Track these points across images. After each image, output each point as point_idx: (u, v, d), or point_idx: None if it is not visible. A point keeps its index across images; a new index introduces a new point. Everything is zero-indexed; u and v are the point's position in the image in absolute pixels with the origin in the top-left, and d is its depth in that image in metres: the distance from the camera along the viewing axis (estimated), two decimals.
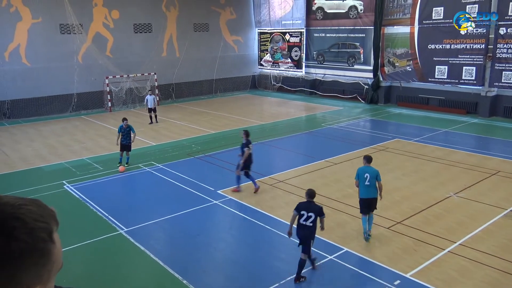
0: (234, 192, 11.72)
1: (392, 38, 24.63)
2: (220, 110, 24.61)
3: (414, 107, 23.65)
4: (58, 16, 23.58)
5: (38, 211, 1.08)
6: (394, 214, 10.06)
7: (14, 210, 1.04)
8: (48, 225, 1.08)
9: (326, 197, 11.16)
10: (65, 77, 24.18)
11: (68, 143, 17.73)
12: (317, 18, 28.59)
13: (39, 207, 1.09)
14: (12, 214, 1.03)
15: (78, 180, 13.00)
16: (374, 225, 9.33)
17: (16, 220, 1.02)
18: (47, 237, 1.07)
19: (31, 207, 1.07)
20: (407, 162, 14.20)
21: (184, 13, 28.52)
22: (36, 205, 1.09)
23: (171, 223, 10.03)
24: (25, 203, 1.07)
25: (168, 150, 16.17)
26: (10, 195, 1.10)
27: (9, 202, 1.06)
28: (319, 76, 29.14)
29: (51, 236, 1.08)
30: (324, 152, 15.39)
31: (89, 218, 10.34)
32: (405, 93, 24.66)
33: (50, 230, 1.08)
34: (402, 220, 9.76)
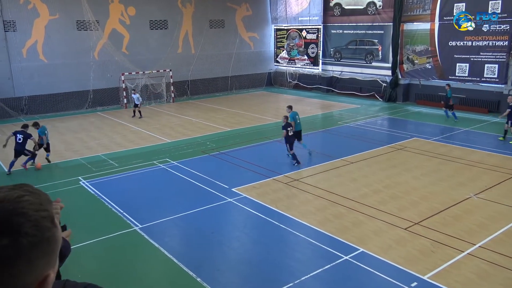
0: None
1: (412, 34, 24.31)
2: (235, 107, 24.65)
3: (434, 106, 23.30)
4: (75, 13, 23.90)
5: (35, 199, 1.10)
6: (412, 215, 9.95)
7: (15, 205, 1.05)
8: (48, 212, 1.11)
9: (342, 196, 11.10)
10: (82, 74, 24.51)
11: (84, 139, 17.98)
12: (335, 14, 28.39)
13: (34, 195, 1.11)
14: (14, 210, 1.05)
15: (93, 176, 13.18)
16: (391, 226, 9.34)
17: (20, 215, 1.04)
18: (51, 224, 1.10)
19: (27, 197, 1.09)
20: (425, 161, 14.03)
21: (200, 10, 28.62)
22: (31, 194, 1.11)
23: (185, 220, 10.10)
24: (21, 195, 1.09)
25: (183, 147, 16.27)
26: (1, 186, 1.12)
27: (6, 197, 1.07)
28: (336, 74, 28.95)
29: (53, 221, 1.11)
30: (340, 151, 15.30)
31: (104, 214, 10.47)
32: (425, 91, 24.34)
33: (52, 216, 1.11)
34: (420, 221, 9.65)
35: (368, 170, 13.30)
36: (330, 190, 11.58)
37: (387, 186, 11.89)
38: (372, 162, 14.06)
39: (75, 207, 10.64)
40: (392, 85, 25.25)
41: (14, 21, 22.40)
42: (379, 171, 13.15)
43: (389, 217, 9.85)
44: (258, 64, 32.33)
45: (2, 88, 22.46)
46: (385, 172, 13.10)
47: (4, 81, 22.52)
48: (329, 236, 9.02)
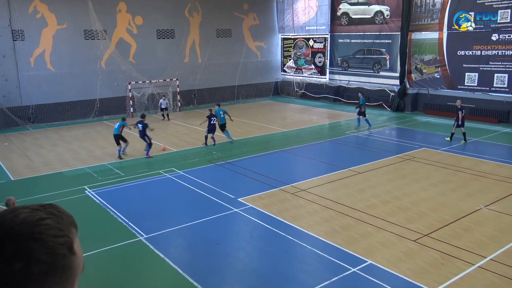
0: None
1: (420, 44, 24.31)
2: (241, 116, 24.68)
3: (443, 116, 23.21)
4: (83, 22, 24.18)
5: (56, 224, 1.06)
6: (421, 226, 9.86)
7: (32, 229, 1.02)
8: (68, 238, 1.07)
9: (350, 207, 11.03)
10: (89, 83, 24.73)
11: (90, 148, 18.08)
12: (342, 23, 28.49)
13: (57, 218, 1.08)
14: (30, 234, 1.02)
15: (99, 185, 13.22)
16: (399, 238, 9.29)
17: (35, 241, 1.01)
18: (68, 251, 1.06)
19: (49, 220, 1.06)
20: (434, 172, 13.93)
21: (207, 19, 28.84)
22: (54, 216, 1.08)
23: (191, 230, 10.08)
24: (42, 217, 1.05)
25: (189, 157, 16.30)
26: (27, 205, 1.10)
27: (26, 220, 1.04)
28: (343, 83, 28.96)
29: (71, 249, 1.07)
30: (347, 161, 15.25)
31: (109, 224, 10.48)
32: (433, 101, 24.26)
33: (71, 243, 1.08)
34: (429, 232, 9.56)
35: (376, 180, 13.22)
36: (337, 201, 11.51)
37: (396, 197, 11.81)
38: (380, 173, 13.98)
39: (80, 216, 10.64)
40: (400, 94, 25.20)
41: (22, 30, 22.71)
42: (387, 182, 13.07)
43: (397, 228, 9.77)
44: (265, 73, 32.44)
45: (9, 97, 22.71)
46: (393, 182, 13.01)
47: (11, 90, 22.77)
48: (337, 248, 8.95)
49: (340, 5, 28.30)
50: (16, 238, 1.01)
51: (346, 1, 27.96)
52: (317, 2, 29.72)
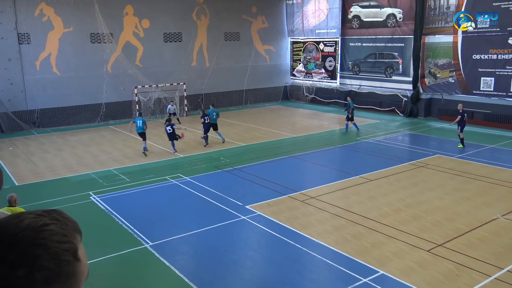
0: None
1: (434, 47, 24.20)
2: (250, 121, 24.72)
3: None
4: (89, 25, 24.43)
5: (60, 230, 1.07)
6: (435, 236, 9.76)
7: (36, 235, 1.03)
8: (72, 244, 1.08)
9: (361, 215, 10.96)
10: (94, 87, 24.94)
11: (96, 153, 18.19)
12: (353, 26, 28.47)
13: (61, 224, 1.08)
14: (34, 240, 1.02)
15: (104, 191, 13.29)
16: (413, 247, 9.22)
17: (39, 247, 1.02)
18: (72, 258, 1.07)
19: (53, 226, 1.06)
20: (449, 180, 13.81)
21: (215, 22, 28.99)
22: (58, 222, 1.08)
23: (197, 238, 10.08)
24: (46, 223, 1.06)
25: (196, 163, 16.33)
26: (31, 211, 1.11)
27: (30, 226, 1.05)
28: (354, 88, 28.89)
29: (76, 255, 1.08)
30: (359, 168, 15.17)
31: (114, 231, 10.52)
32: (447, 106, 24.08)
33: (75, 249, 1.08)
34: (444, 242, 9.46)
35: (388, 188, 13.13)
36: (348, 209, 11.45)
37: (408, 205, 11.71)
38: (393, 180, 13.89)
39: (85, 222, 10.63)
40: (413, 99, 25.07)
41: (28, 33, 23.00)
42: (400, 190, 12.98)
43: (410, 238, 9.69)
44: (274, 77, 32.48)
45: (14, 101, 22.96)
46: (406, 190, 12.92)
47: (17, 94, 23.03)
48: (347, 257, 8.89)
49: (351, 8, 28.31)
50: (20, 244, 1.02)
51: (358, 4, 27.97)
52: (328, 5, 29.75)
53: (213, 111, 19.64)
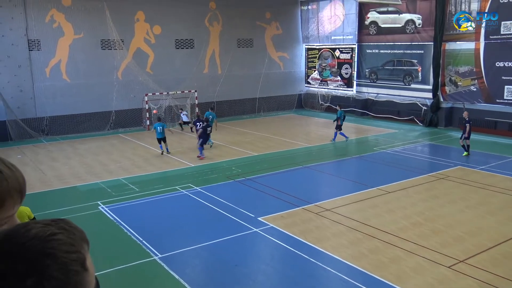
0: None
1: (455, 54, 24.03)
2: (263, 130, 24.73)
3: (480, 132, 22.72)
4: (100, 32, 24.78)
5: (68, 239, 1.09)
6: (457, 252, 9.61)
7: (44, 244, 1.05)
8: (80, 254, 1.10)
9: (378, 229, 10.85)
10: (104, 94, 25.22)
11: (105, 162, 18.35)
12: (370, 33, 28.44)
13: (68, 233, 1.10)
14: (42, 250, 1.04)
15: (113, 201, 13.38)
16: (433, 263, 9.09)
17: (47, 256, 1.03)
18: (80, 267, 1.08)
19: (60, 235, 1.08)
20: (471, 193, 13.62)
21: (227, 29, 29.19)
22: (65, 231, 1.10)
23: (208, 250, 10.06)
24: (54, 232, 1.08)
25: (207, 172, 16.37)
26: (38, 220, 1.12)
27: (38, 235, 1.06)
28: (371, 96, 28.79)
29: (84, 265, 1.09)
30: (376, 179, 15.05)
31: (122, 242, 10.56)
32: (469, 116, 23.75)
33: (83, 259, 1.10)
34: (466, 258, 9.30)
35: (407, 201, 13.00)
36: (365, 222, 11.35)
37: (428, 219, 11.56)
38: (412, 192, 13.75)
39: (92, 233, 10.73)
40: (433, 108, 24.86)
41: (38, 40, 23.41)
42: (419, 202, 12.84)
43: (430, 253, 9.55)
44: (288, 85, 32.52)
45: (24, 108, 23.33)
46: (426, 203, 12.77)
47: (26, 101, 23.40)
48: (364, 273, 8.79)
49: (369, 13, 28.30)
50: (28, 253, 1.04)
51: (375, 10, 27.95)
52: (344, 11, 29.80)
53: (209, 114, 20.71)
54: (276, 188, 14.28)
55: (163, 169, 17.00)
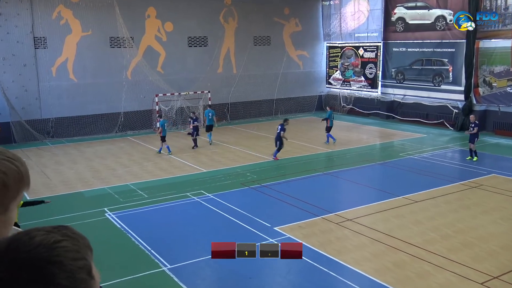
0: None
1: (489, 53, 23.74)
2: None
3: None
4: (109, 29, 25.07)
5: (73, 247, 1.11)
6: (490, 267, 9.46)
7: (50, 252, 1.07)
8: (86, 261, 1.12)
9: (404, 241, 10.74)
10: (113, 94, 25.50)
11: (112, 166, 18.54)
12: (397, 30, 28.27)
13: (73, 240, 1.12)
14: (49, 258, 1.06)
15: (120, 208, 13.49)
16: (463, 279, 8.99)
17: (54, 264, 1.05)
18: (87, 275, 1.11)
19: (65, 242, 1.10)
20: (506, 203, 13.40)
21: (243, 25, 29.28)
22: (70, 238, 1.12)
23: (220, 262, 10.04)
24: (58, 240, 1.10)
25: (220, 178, 16.41)
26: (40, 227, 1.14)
27: (42, 243, 1.08)
28: (398, 98, 28.57)
29: (90, 273, 1.12)
30: (402, 187, 14.92)
31: (130, 252, 10.63)
32: (505, 119, 23.50)
33: (89, 267, 1.12)
34: (500, 274, 9.15)
35: (436, 211, 12.85)
36: (389, 234, 11.25)
37: (459, 231, 11.42)
38: (441, 202, 13.59)
39: (98, 241, 10.83)
40: (465, 111, 24.54)
41: (45, 37, 23.81)
42: (449, 213, 12.68)
43: (461, 268, 9.42)
44: (308, 85, 32.46)
45: (28, 109, 23.72)
46: (456, 214, 12.62)
47: (31, 102, 23.79)
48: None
49: (395, 9, 28.14)
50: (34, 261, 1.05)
51: (402, 5, 27.79)
52: (369, 6, 29.68)
53: (209, 111, 22.20)
54: (294, 196, 14.25)
55: (174, 174, 17.09)
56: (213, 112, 22.53)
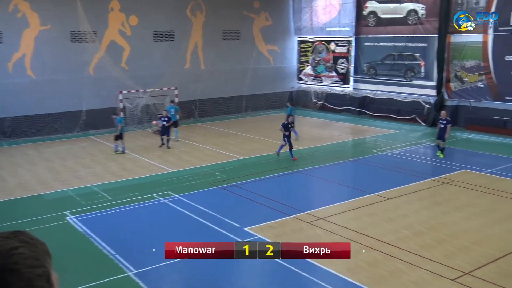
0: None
1: (460, 48, 24.28)
2: (250, 131, 24.73)
3: (487, 132, 23.01)
4: (70, 23, 24.57)
5: (31, 253, 1.07)
6: (462, 263, 9.69)
7: (6, 259, 1.03)
8: (45, 268, 1.08)
9: (377, 239, 10.89)
10: (74, 92, 25.01)
11: (74, 167, 18.20)
12: (369, 24, 28.63)
13: (31, 247, 1.08)
14: (4, 266, 1.02)
15: (82, 211, 13.26)
16: (436, 276, 9.17)
17: (10, 272, 1.02)
18: (46, 283, 1.07)
19: (23, 249, 1.06)
20: (478, 198, 13.76)
21: (212, 19, 29.16)
22: (27, 245, 1.08)
23: (188, 265, 10.00)
24: (15, 246, 1.06)
25: (188, 178, 16.32)
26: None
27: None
28: (370, 93, 28.95)
29: (49, 280, 1.08)
30: (374, 185, 15.13)
31: (93, 257, 10.47)
32: (476, 115, 24.08)
33: (48, 274, 1.09)
34: (472, 270, 9.38)
35: (408, 208, 13.09)
36: (362, 232, 11.39)
37: (432, 227, 11.65)
38: (413, 199, 13.84)
39: (59, 247, 10.63)
40: (437, 107, 25.03)
41: (1, 32, 23.15)
42: (422, 210, 12.94)
43: (434, 265, 9.61)
44: (278, 81, 32.58)
45: None
46: (428, 210, 12.88)
47: None
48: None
49: (367, 2, 28.51)
50: None
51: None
52: (340, 0, 29.95)
53: (171, 107, 22.47)
54: (265, 195, 14.28)
55: (139, 175, 16.90)
56: (175, 107, 22.65)
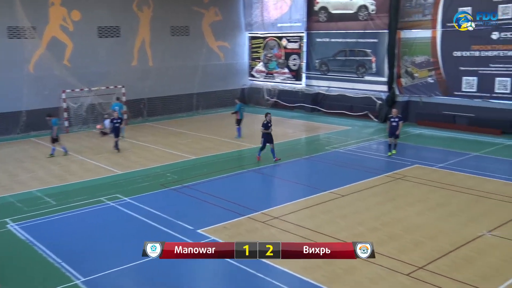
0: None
1: (410, 43, 24.99)
2: (201, 130, 24.62)
3: (438, 127, 23.79)
4: (6, 18, 23.78)
5: None
6: (416, 258, 9.98)
7: None
8: None
9: (332, 237, 11.07)
10: (12, 91, 24.18)
11: (14, 171, 17.63)
12: (320, 20, 29.03)
13: None
14: None
15: (25, 217, 12.86)
16: (390, 272, 9.39)
17: None
18: None
19: None
20: (430, 193, 14.20)
21: (159, 14, 28.85)
22: None
23: (139, 271, 9.86)
24: None
25: (137, 180, 16.10)
26: None
27: None
28: (322, 90, 29.36)
29: None
30: (328, 182, 15.36)
31: (37, 265, 10.16)
32: (427, 110, 24.86)
33: None
34: (425, 264, 9.67)
35: (362, 204, 13.36)
36: (316, 230, 11.54)
37: (385, 223, 11.93)
38: (367, 195, 14.14)
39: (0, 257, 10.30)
40: (389, 102, 25.68)
41: None
42: (375, 206, 13.23)
43: (388, 260, 9.85)
44: (230, 78, 32.58)
45: None
46: (382, 206, 13.18)
47: None
48: (317, 286, 8.93)
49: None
50: None
51: None
52: None
53: (116, 105, 22.76)
54: (218, 195, 14.25)
55: (85, 178, 16.53)
56: (120, 105, 22.60)
